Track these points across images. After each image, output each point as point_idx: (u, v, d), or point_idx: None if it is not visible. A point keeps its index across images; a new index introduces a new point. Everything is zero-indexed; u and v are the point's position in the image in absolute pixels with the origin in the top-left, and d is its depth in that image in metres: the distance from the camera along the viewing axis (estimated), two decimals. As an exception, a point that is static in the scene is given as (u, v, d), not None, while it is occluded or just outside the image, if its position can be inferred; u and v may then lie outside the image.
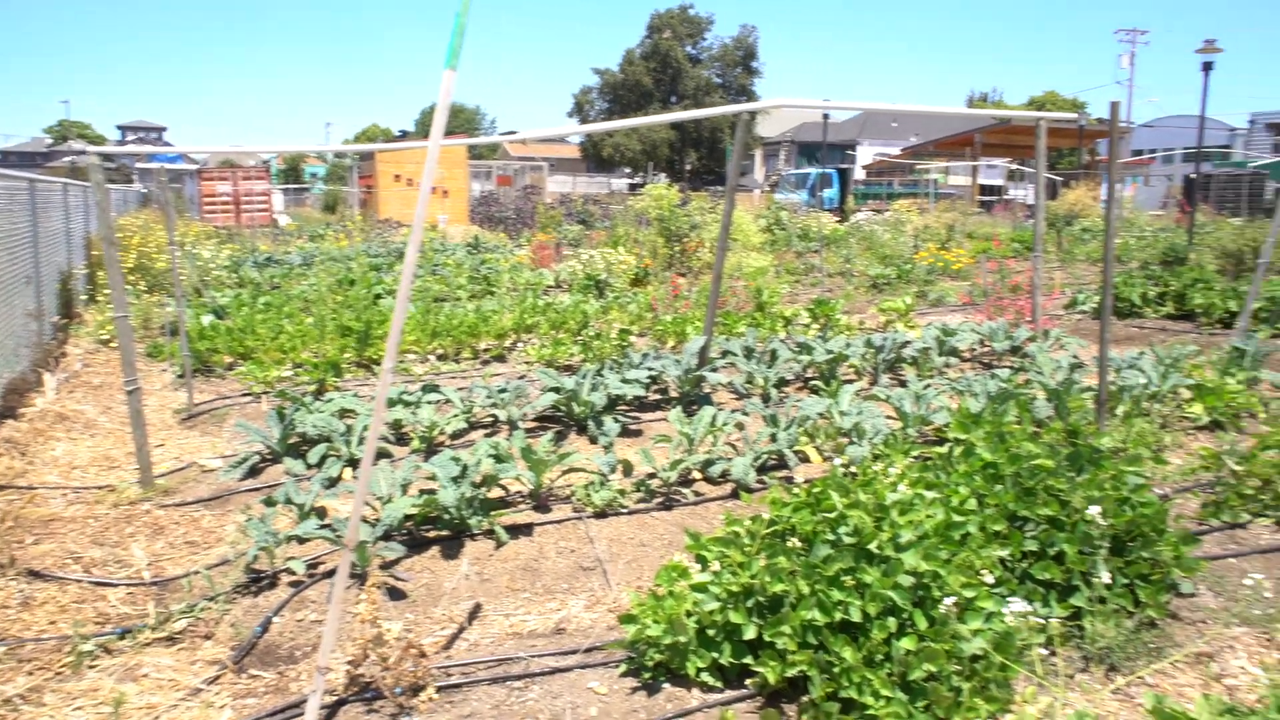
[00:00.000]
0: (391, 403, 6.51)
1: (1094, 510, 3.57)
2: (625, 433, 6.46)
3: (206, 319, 9.68)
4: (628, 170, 61.93)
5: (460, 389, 6.94)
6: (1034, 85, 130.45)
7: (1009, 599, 3.20)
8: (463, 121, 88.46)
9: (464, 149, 34.01)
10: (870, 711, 2.99)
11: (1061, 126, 35.05)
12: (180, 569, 4.41)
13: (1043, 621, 3.53)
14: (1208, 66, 21.40)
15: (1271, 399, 6.89)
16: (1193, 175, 27.25)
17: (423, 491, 4.72)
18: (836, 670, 3.06)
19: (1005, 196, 41.46)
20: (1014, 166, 43.86)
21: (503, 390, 6.71)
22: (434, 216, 28.26)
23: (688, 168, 62.69)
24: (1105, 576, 3.64)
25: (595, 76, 64.08)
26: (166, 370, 8.73)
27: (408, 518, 4.68)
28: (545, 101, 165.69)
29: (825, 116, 40.51)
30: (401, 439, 6.39)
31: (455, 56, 3.12)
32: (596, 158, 62.27)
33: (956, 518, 3.63)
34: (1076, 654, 3.50)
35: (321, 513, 4.64)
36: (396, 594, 4.15)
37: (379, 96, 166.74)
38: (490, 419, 6.80)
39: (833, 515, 3.45)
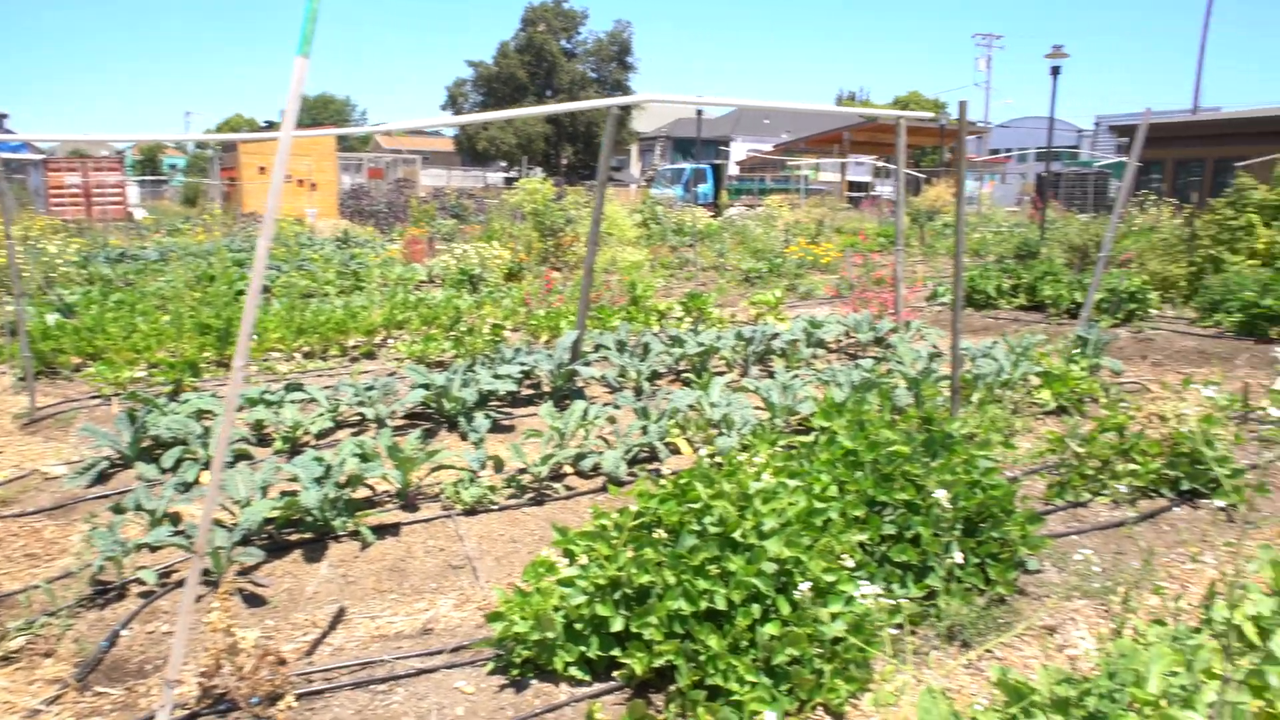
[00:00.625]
0: (253, 402, 6.28)
1: (941, 494, 3.71)
2: (497, 428, 6.40)
3: (51, 318, 9.13)
4: (503, 164, 61.31)
5: (327, 387, 6.75)
6: (899, 85, 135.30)
7: (862, 582, 3.30)
8: (332, 113, 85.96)
9: (333, 140, 33.10)
10: (735, 697, 3.04)
11: (923, 125, 36.40)
12: (19, 584, 4.15)
13: (900, 602, 3.66)
14: (1055, 71, 22.55)
15: (1111, 384, 7.31)
16: (1044, 174, 28.70)
17: (284, 493, 4.57)
18: (703, 658, 3.10)
19: (872, 193, 42.81)
20: (880, 164, 45.30)
21: (370, 388, 6.56)
22: (302, 210, 27.39)
23: (564, 162, 62.51)
24: (958, 557, 3.80)
25: (469, 69, 63.24)
26: (6, 373, 8.20)
27: (268, 521, 4.53)
28: (418, 94, 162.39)
29: (699, 112, 40.94)
30: (264, 440, 6.17)
31: (308, 43, 3.02)
32: (471, 151, 61.40)
33: (818, 504, 3.72)
34: (932, 632, 3.64)
35: (175, 519, 4.43)
36: (256, 600, 4.01)
37: (243, 85, 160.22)
38: (358, 417, 6.63)
39: (698, 506, 3.49)
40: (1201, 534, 4.60)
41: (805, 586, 3.14)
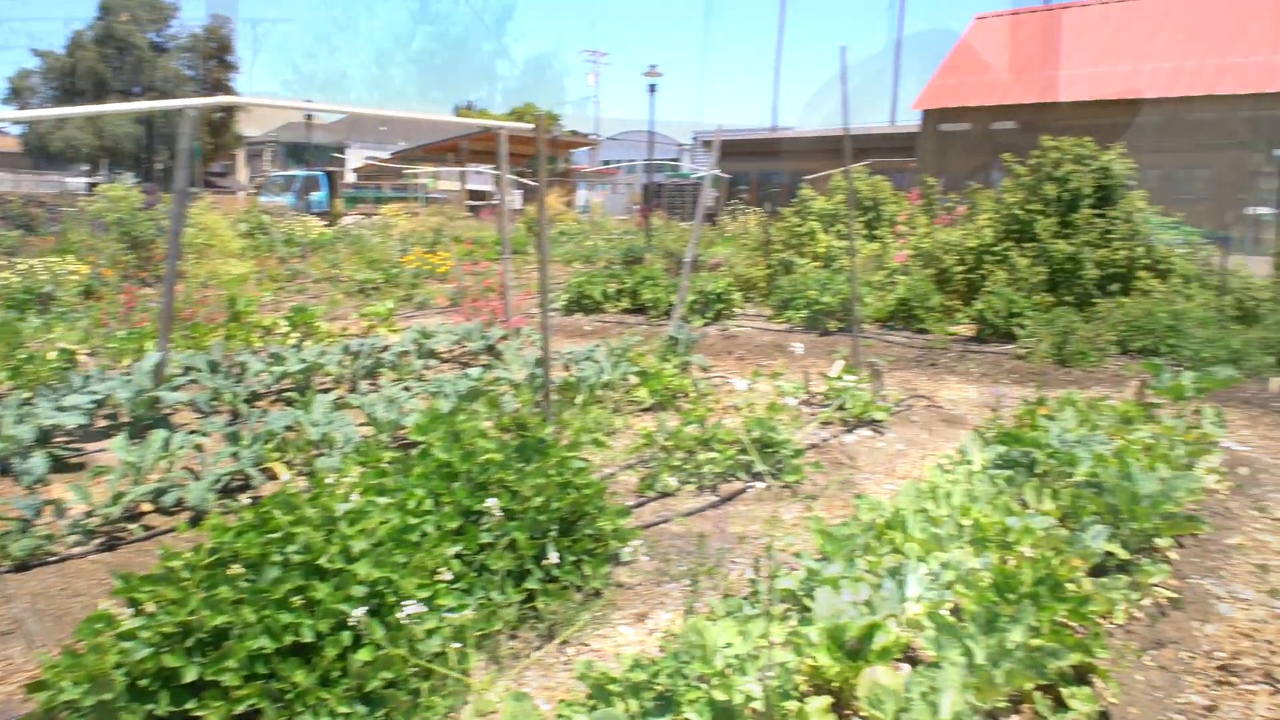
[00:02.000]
0: None
1: (492, 502, 3.77)
2: (64, 468, 5.67)
3: None
4: (85, 167, 54.74)
5: None
6: (516, 97, 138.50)
7: (421, 600, 3.31)
8: None
9: None
10: (327, 732, 2.91)
11: (531, 136, 37.61)
12: None
13: (500, 609, 3.71)
14: (652, 88, 24.32)
15: (700, 379, 7.96)
16: (648, 184, 30.80)
17: None
18: (290, 697, 2.94)
19: (492, 201, 43.41)
20: (499, 173, 46.06)
21: (-109, 432, 5.54)
22: None
23: (159, 167, 57.06)
24: (554, 557, 3.93)
25: (36, 59, 55.74)
26: None
27: None
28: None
29: (308, 117, 39.34)
30: None
31: None
32: (43, 152, 54.17)
33: (412, 520, 3.66)
34: (534, 634, 3.72)
35: None
36: None
37: None
38: (-125, 469, 5.58)
39: (279, 535, 3.30)
40: (771, 510, 5.12)
41: (361, 611, 3.08)
